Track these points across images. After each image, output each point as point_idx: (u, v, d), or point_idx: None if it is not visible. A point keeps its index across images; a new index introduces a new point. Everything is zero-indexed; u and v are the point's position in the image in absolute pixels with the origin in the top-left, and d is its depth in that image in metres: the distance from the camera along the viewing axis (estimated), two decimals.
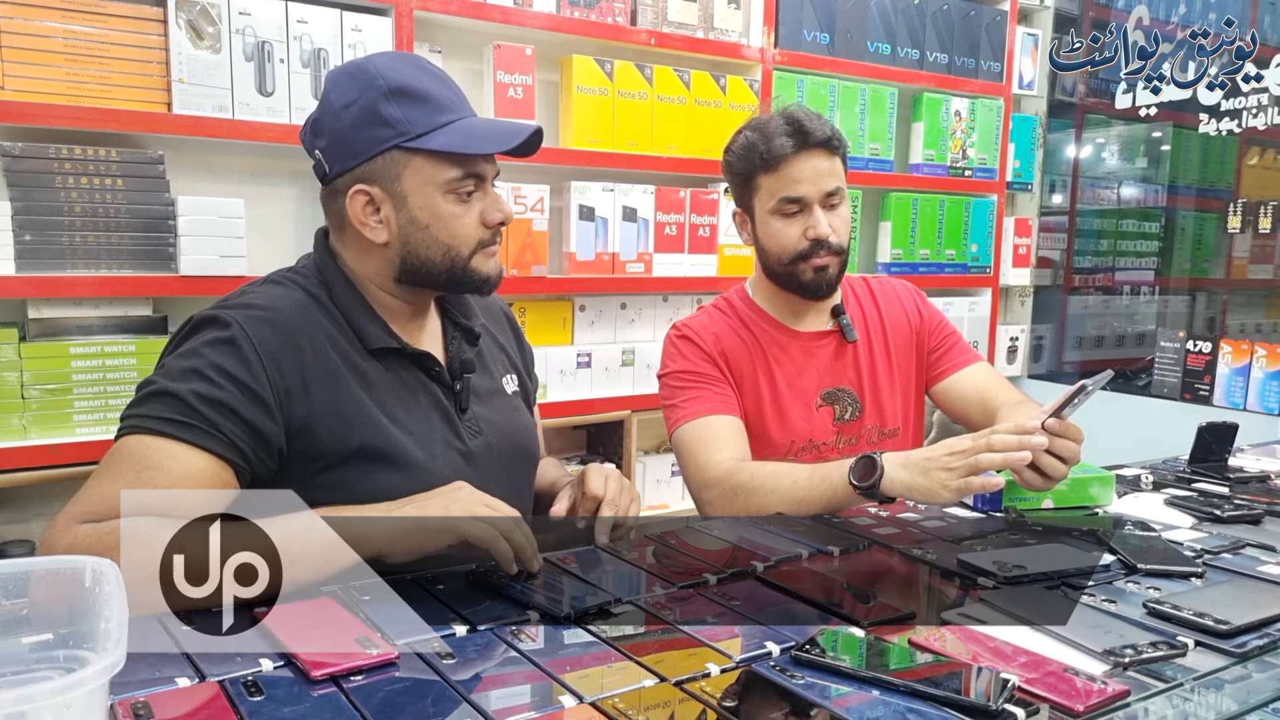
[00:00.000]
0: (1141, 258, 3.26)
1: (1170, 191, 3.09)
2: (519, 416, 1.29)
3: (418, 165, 1.08)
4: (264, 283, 1.14)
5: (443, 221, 1.10)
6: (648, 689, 0.77)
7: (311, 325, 1.09)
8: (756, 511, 1.33)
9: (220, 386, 1.00)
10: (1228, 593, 0.99)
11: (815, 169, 1.47)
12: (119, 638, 0.61)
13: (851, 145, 2.79)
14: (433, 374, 1.17)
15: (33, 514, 1.83)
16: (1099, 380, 1.20)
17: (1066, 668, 0.80)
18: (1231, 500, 1.38)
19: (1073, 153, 3.32)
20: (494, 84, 2.16)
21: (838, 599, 0.97)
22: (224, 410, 1.00)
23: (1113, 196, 3.33)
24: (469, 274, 1.14)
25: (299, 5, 1.90)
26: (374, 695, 0.74)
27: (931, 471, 1.20)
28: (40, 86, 1.68)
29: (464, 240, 1.12)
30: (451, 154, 1.08)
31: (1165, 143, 3.06)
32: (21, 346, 1.69)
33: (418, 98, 1.07)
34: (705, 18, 2.47)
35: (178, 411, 0.98)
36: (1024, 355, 3.33)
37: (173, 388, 0.99)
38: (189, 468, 0.97)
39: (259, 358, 1.03)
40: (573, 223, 2.31)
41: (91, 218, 1.74)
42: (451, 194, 1.10)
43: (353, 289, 1.15)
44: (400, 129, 1.07)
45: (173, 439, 0.97)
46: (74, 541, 0.91)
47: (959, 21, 2.97)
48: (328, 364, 1.08)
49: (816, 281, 1.52)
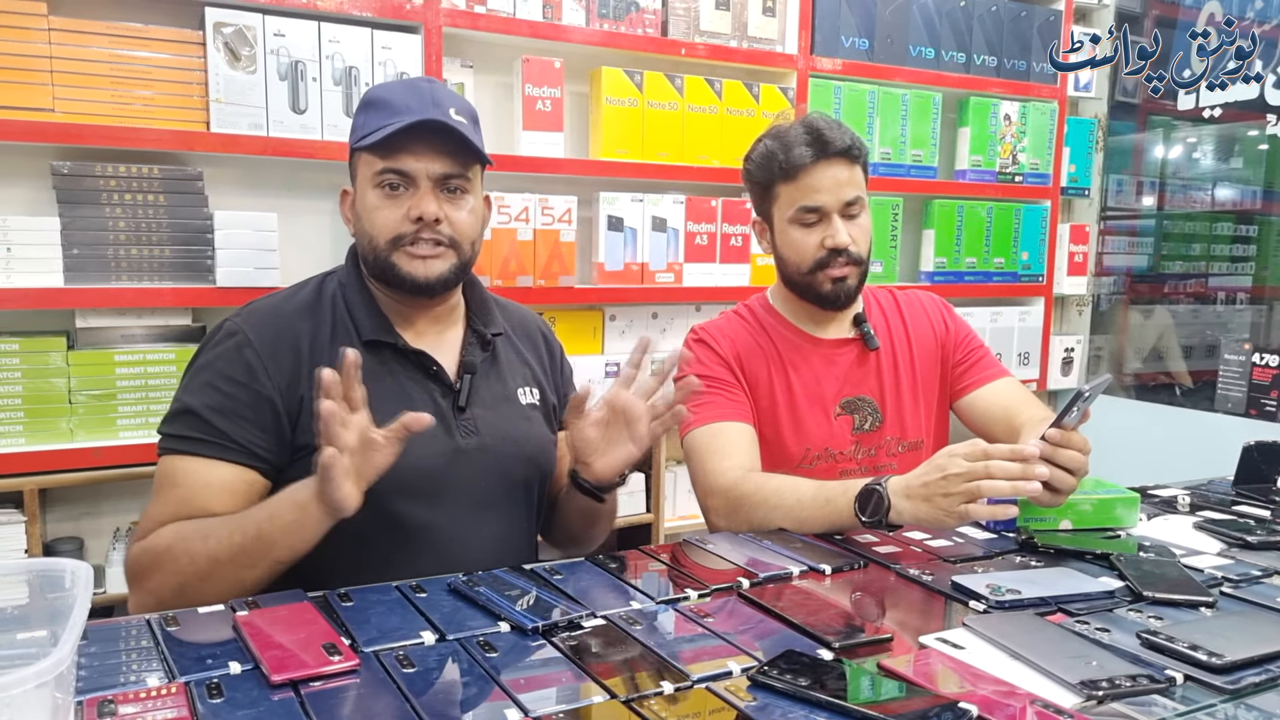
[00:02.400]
0: (1213, 263, 3.11)
1: (1246, 195, 2.94)
2: (527, 425, 1.30)
3: (361, 161, 1.18)
4: (298, 284, 1.26)
5: (369, 213, 1.18)
6: (596, 705, 0.77)
7: (312, 322, 1.19)
8: (758, 525, 1.31)
9: (230, 396, 1.13)
10: (1233, 624, 0.93)
11: (834, 178, 1.45)
12: (69, 640, 0.64)
13: (893, 152, 2.74)
14: (430, 372, 1.21)
15: (80, 513, 1.92)
16: (1098, 386, 1.15)
17: (1035, 699, 0.77)
18: (1268, 525, 1.31)
19: (1136, 155, 3.19)
20: (523, 97, 2.19)
21: (815, 619, 0.94)
22: (235, 419, 1.12)
23: (1181, 201, 3.19)
24: (393, 270, 1.18)
25: (331, 25, 1.96)
26: (327, 703, 0.76)
27: (934, 498, 1.16)
28: (87, 109, 1.78)
29: (380, 231, 1.17)
30: (376, 148, 1.15)
31: (1234, 145, 2.92)
32: (69, 354, 1.79)
33: (378, 105, 1.17)
34: (739, 26, 2.46)
35: (196, 429, 1.12)
36: (1080, 367, 3.20)
37: (191, 404, 1.13)
38: (210, 478, 1.11)
39: (260, 359, 1.14)
40: (601, 233, 2.32)
41: (135, 232, 1.83)
42: (378, 188, 1.17)
43: (364, 289, 1.23)
44: (359, 133, 1.18)
45: (194, 455, 1.11)
46: (132, 558, 1.10)
47: (1008, 23, 2.88)
48: (322, 357, 1.14)
49: (834, 292, 1.49)
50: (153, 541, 1.07)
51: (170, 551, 1.05)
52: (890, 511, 1.19)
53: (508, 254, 2.20)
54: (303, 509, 1.03)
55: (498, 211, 2.19)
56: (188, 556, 1.04)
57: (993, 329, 2.93)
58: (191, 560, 1.04)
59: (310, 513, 1.02)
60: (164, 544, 1.06)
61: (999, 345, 2.95)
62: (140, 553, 1.08)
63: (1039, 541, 1.20)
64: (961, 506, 1.13)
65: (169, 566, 1.05)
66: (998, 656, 0.86)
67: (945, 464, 1.14)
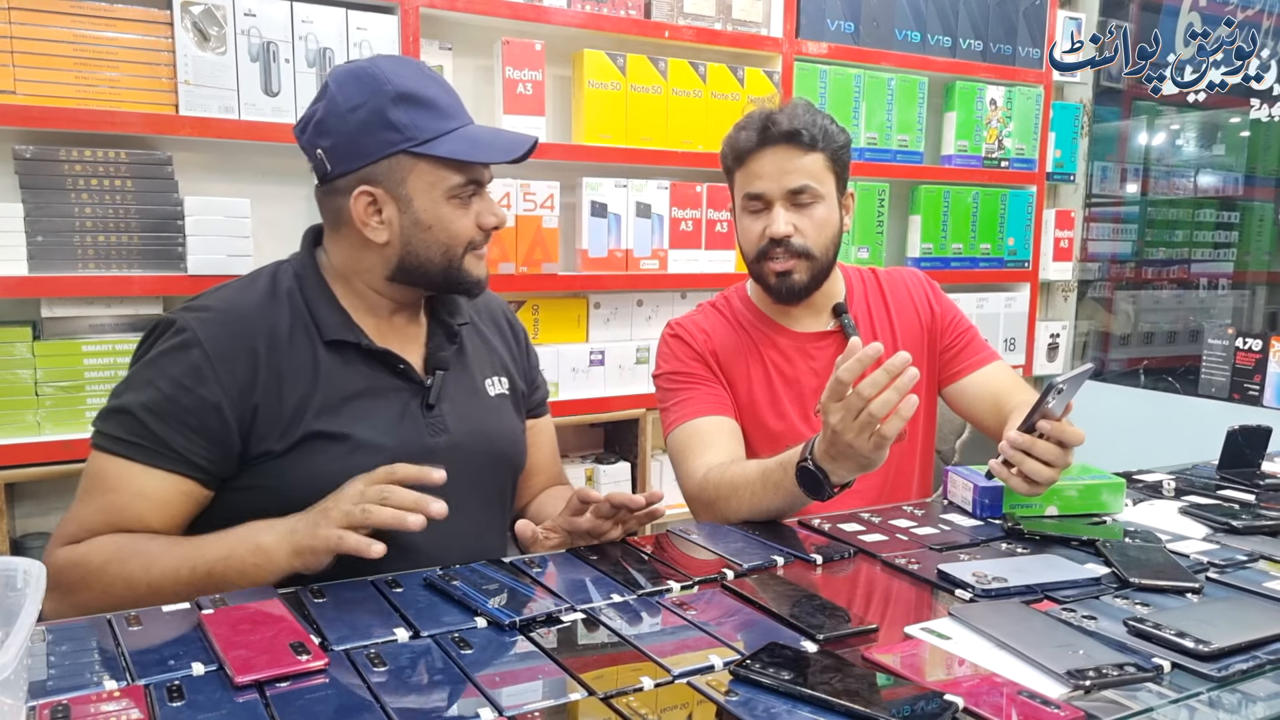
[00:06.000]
0: (1196, 249, 3.10)
1: (1229, 181, 2.94)
2: (497, 419, 1.27)
3: (423, 170, 1.11)
4: (245, 278, 1.18)
5: (444, 224, 1.13)
6: (572, 703, 0.74)
7: (270, 321, 1.11)
8: (729, 520, 1.28)
9: (172, 400, 1.05)
10: (1220, 611, 0.92)
11: (778, 165, 1.40)
12: (15, 643, 0.61)
13: (879, 137, 2.72)
14: (397, 371, 1.17)
15: (49, 508, 1.88)
16: (1080, 376, 1.13)
17: (1021, 689, 0.75)
18: (1253, 510, 1.30)
19: (1121, 142, 3.18)
20: (503, 80, 2.15)
21: (799, 611, 0.92)
22: (175, 424, 1.05)
23: (1164, 186, 3.18)
24: (462, 275, 1.17)
25: (304, 5, 1.91)
26: (292, 704, 0.73)
27: (847, 451, 1.07)
28: (50, 90, 1.72)
29: (459, 240, 1.15)
30: (456, 160, 1.11)
31: (1216, 130, 2.91)
32: (35, 345, 1.74)
33: (424, 103, 1.10)
34: (724, 8, 2.42)
35: (132, 432, 1.04)
36: (1066, 352, 3.20)
37: (130, 403, 1.05)
38: (145, 487, 1.04)
39: (210, 362, 1.06)
40: (584, 219, 2.29)
41: (102, 219, 1.78)
42: (455, 198, 1.13)
43: (320, 284, 1.16)
44: (408, 134, 1.09)
45: (128, 459, 1.04)
46: (57, 566, 1.02)
47: (994, 7, 2.86)
48: (281, 359, 1.10)
49: (778, 287, 1.46)
50: (85, 555, 1.01)
51: (105, 572, 1.00)
52: (833, 480, 1.13)
53: (490, 240, 2.16)
54: (266, 555, 0.98)
55: None
56: (124, 582, 0.99)
57: (979, 315, 2.92)
58: (129, 586, 0.99)
59: (275, 559, 0.98)
60: (98, 561, 1.00)
61: (985, 331, 2.91)
62: (69, 565, 1.01)
63: (1025, 528, 1.19)
64: (872, 439, 1.06)
65: (100, 586, 1.00)
66: (984, 646, 0.84)
67: (830, 421, 1.07)
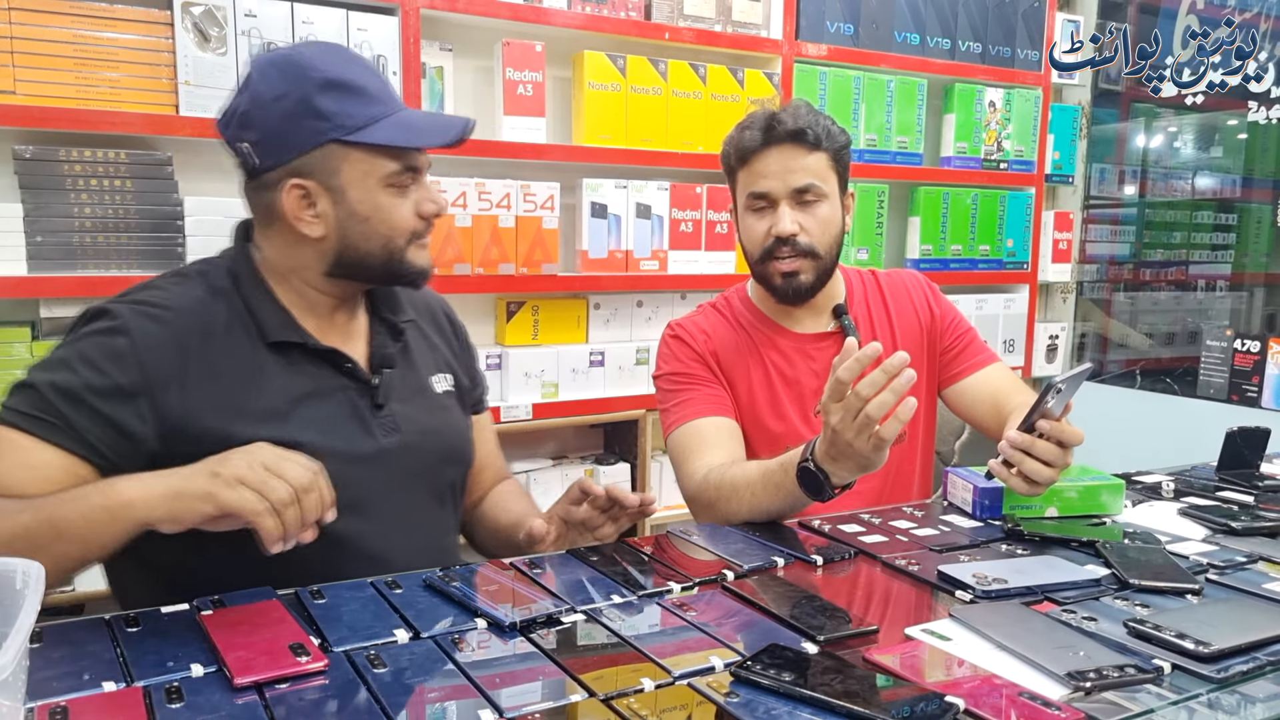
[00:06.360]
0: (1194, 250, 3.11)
1: (1226, 183, 2.94)
2: (445, 416, 1.25)
3: (357, 159, 1.07)
4: (174, 274, 1.13)
5: (382, 214, 1.09)
6: (572, 705, 0.74)
7: (208, 320, 1.07)
8: (730, 521, 1.28)
9: (83, 380, 1.00)
10: (1220, 612, 0.92)
11: (783, 163, 1.41)
12: (14, 645, 0.61)
13: (878, 139, 2.72)
14: (344, 370, 1.14)
15: None
16: (1079, 376, 1.14)
17: (1022, 691, 0.75)
18: (1251, 511, 1.30)
19: (1120, 144, 3.18)
20: (503, 81, 2.15)
21: (800, 612, 0.92)
22: (79, 404, 0.99)
23: (1162, 188, 3.18)
24: (404, 266, 1.12)
25: (304, 6, 1.91)
26: (292, 705, 0.73)
27: (847, 452, 1.08)
28: (50, 90, 1.72)
29: (400, 231, 1.11)
30: (391, 147, 1.07)
31: (1214, 132, 2.91)
32: (34, 345, 1.74)
33: (352, 90, 1.06)
34: (723, 10, 2.43)
35: (34, 406, 1.00)
36: (1065, 353, 3.20)
37: (38, 380, 1.01)
38: (33, 460, 0.99)
39: (135, 353, 1.02)
40: (584, 220, 2.29)
41: (101, 219, 1.78)
42: (391, 186, 1.09)
43: (259, 282, 1.12)
44: (338, 122, 1.05)
45: (23, 431, 0.99)
46: None
47: (993, 9, 2.86)
48: (218, 360, 1.06)
49: (784, 288, 1.46)
50: None
51: None
52: (834, 481, 1.14)
53: (489, 241, 2.16)
54: (118, 492, 0.91)
55: (479, 198, 2.15)
56: None
57: (978, 316, 2.92)
58: None
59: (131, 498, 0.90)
60: None
61: (984, 332, 2.91)
62: None
63: (1025, 529, 1.19)
64: (872, 440, 1.06)
65: None
66: (984, 647, 0.84)
67: (830, 421, 1.08)
